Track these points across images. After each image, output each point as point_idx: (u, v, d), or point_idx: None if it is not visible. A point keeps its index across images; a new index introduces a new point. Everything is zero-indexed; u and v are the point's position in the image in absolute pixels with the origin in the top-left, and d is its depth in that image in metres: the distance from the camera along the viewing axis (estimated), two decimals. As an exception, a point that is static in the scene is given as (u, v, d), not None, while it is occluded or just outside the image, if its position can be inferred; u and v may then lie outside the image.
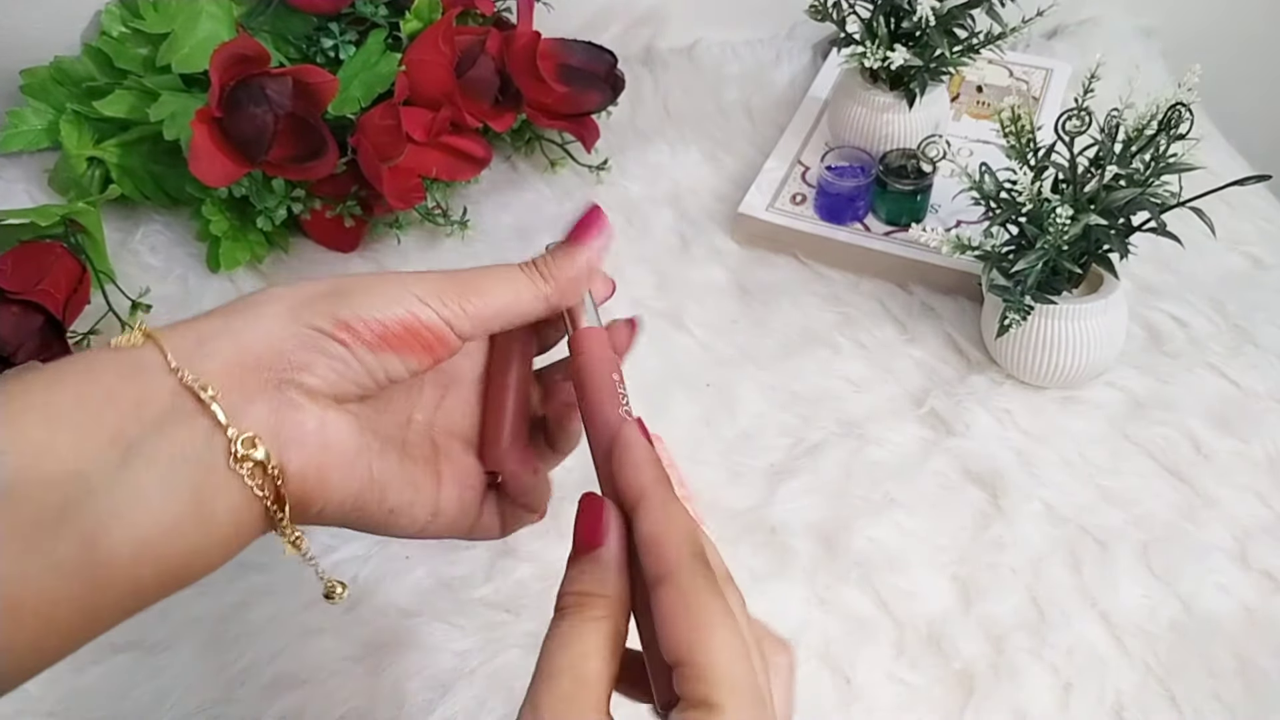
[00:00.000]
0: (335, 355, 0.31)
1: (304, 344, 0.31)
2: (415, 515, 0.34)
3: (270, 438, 0.30)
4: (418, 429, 0.36)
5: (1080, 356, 0.56)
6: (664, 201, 0.71)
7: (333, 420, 0.31)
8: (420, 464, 0.35)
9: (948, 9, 0.62)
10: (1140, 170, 0.52)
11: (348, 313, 0.31)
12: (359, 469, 0.32)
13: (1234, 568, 0.51)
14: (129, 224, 0.68)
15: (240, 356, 0.30)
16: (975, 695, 0.47)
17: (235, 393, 0.29)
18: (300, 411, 0.30)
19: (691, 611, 0.27)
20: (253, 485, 0.30)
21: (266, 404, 0.30)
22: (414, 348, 0.32)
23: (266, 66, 0.58)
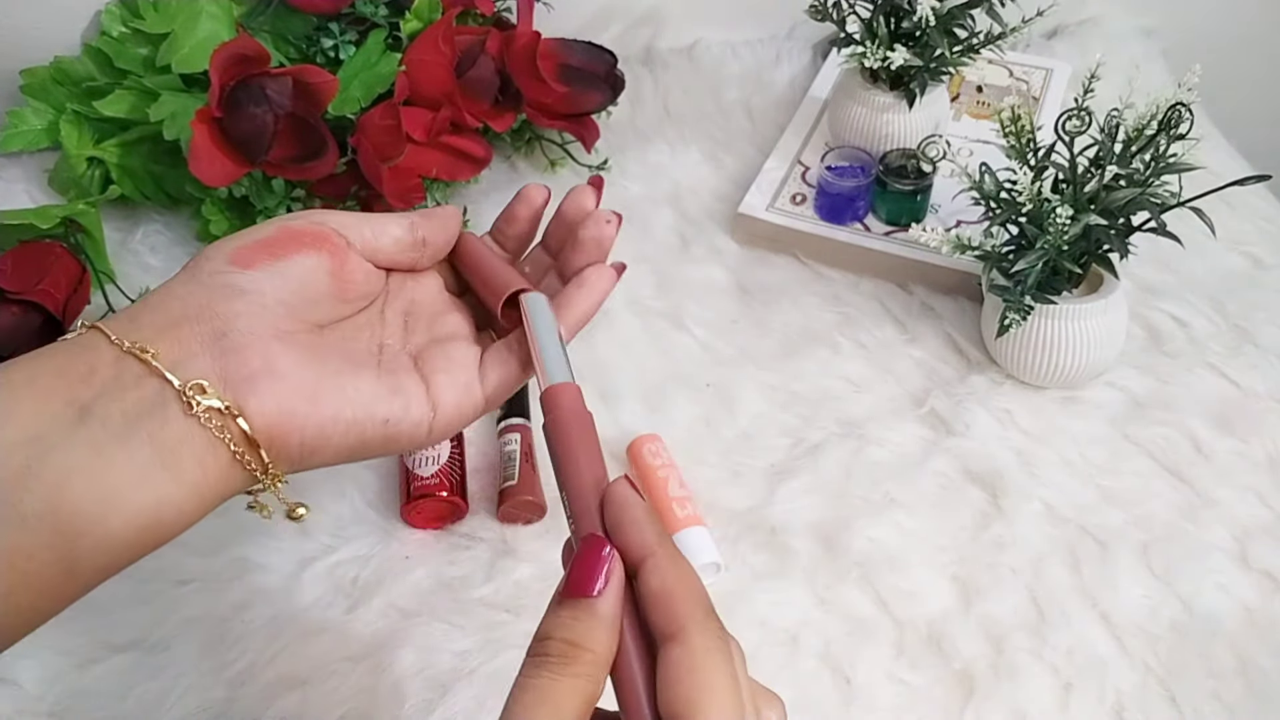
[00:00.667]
0: (249, 289, 0.33)
1: (218, 292, 0.33)
2: (414, 417, 0.35)
3: (220, 384, 0.32)
4: (391, 351, 0.38)
5: (1080, 356, 0.56)
6: (664, 201, 0.71)
7: (279, 352, 0.33)
8: (401, 373, 0.37)
9: (948, 9, 0.62)
10: (1140, 170, 0.52)
11: (233, 246, 0.34)
12: (327, 390, 0.33)
13: (1234, 568, 0.51)
14: (129, 224, 0.68)
15: (170, 319, 0.32)
16: (975, 695, 0.47)
17: (176, 350, 0.32)
18: (242, 352, 0.32)
19: (698, 672, 0.26)
20: (211, 429, 0.31)
21: (208, 354, 0.32)
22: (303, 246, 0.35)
23: (266, 66, 0.58)
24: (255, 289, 0.33)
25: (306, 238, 0.35)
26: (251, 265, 0.34)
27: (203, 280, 0.33)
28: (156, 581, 0.50)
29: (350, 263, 0.37)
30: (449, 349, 0.38)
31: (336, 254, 0.36)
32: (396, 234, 0.39)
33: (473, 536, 0.52)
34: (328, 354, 0.35)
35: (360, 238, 0.38)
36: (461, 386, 0.37)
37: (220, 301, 0.33)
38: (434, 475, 0.51)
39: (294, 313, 0.34)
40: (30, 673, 0.47)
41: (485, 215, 0.70)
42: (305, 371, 0.33)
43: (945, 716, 0.46)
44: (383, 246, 0.38)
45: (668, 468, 0.53)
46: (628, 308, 0.64)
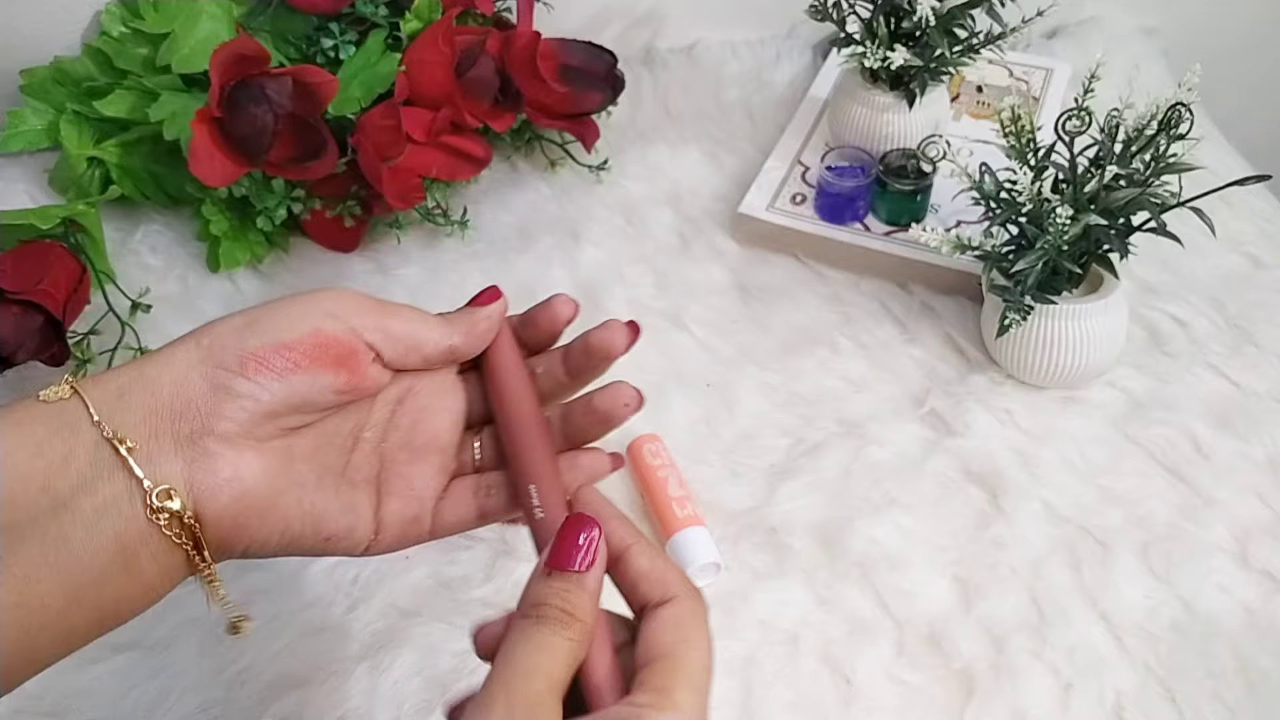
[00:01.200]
0: (245, 394, 0.32)
1: (212, 390, 0.32)
2: (356, 539, 0.35)
3: (186, 488, 0.31)
4: (366, 447, 0.37)
5: (1080, 356, 0.56)
6: (664, 201, 0.71)
7: (249, 464, 0.32)
8: (360, 486, 0.36)
9: (948, 9, 0.62)
10: (1140, 170, 0.52)
11: (254, 343, 0.32)
12: (283, 508, 0.33)
13: (1234, 568, 0.51)
14: (129, 224, 0.68)
15: (155, 406, 0.32)
16: (975, 696, 0.47)
17: (152, 444, 0.31)
18: (214, 460, 0.32)
19: (684, 627, 0.30)
20: (171, 535, 0.31)
21: (180, 456, 0.32)
22: (324, 363, 0.33)
23: (266, 66, 0.58)
24: (252, 396, 0.32)
25: (332, 356, 0.33)
26: (260, 374, 0.32)
27: (205, 373, 0.32)
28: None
29: (365, 379, 0.35)
30: (415, 471, 0.37)
31: (356, 373, 0.34)
32: (428, 351, 0.36)
33: (472, 536, 0.52)
34: (298, 463, 0.34)
35: (393, 351, 0.35)
36: (410, 519, 0.37)
37: (211, 402, 0.32)
38: None
39: (278, 421, 0.33)
40: (30, 673, 0.47)
41: (485, 215, 0.70)
42: (269, 483, 0.33)
43: (945, 717, 0.46)
44: (410, 362, 0.36)
45: (668, 468, 0.53)
46: (628, 308, 0.64)
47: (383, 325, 0.35)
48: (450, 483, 0.38)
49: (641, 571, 0.32)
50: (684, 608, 0.31)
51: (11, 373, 0.58)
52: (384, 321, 0.35)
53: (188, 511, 0.31)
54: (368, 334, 0.34)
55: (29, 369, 0.58)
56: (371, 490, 0.36)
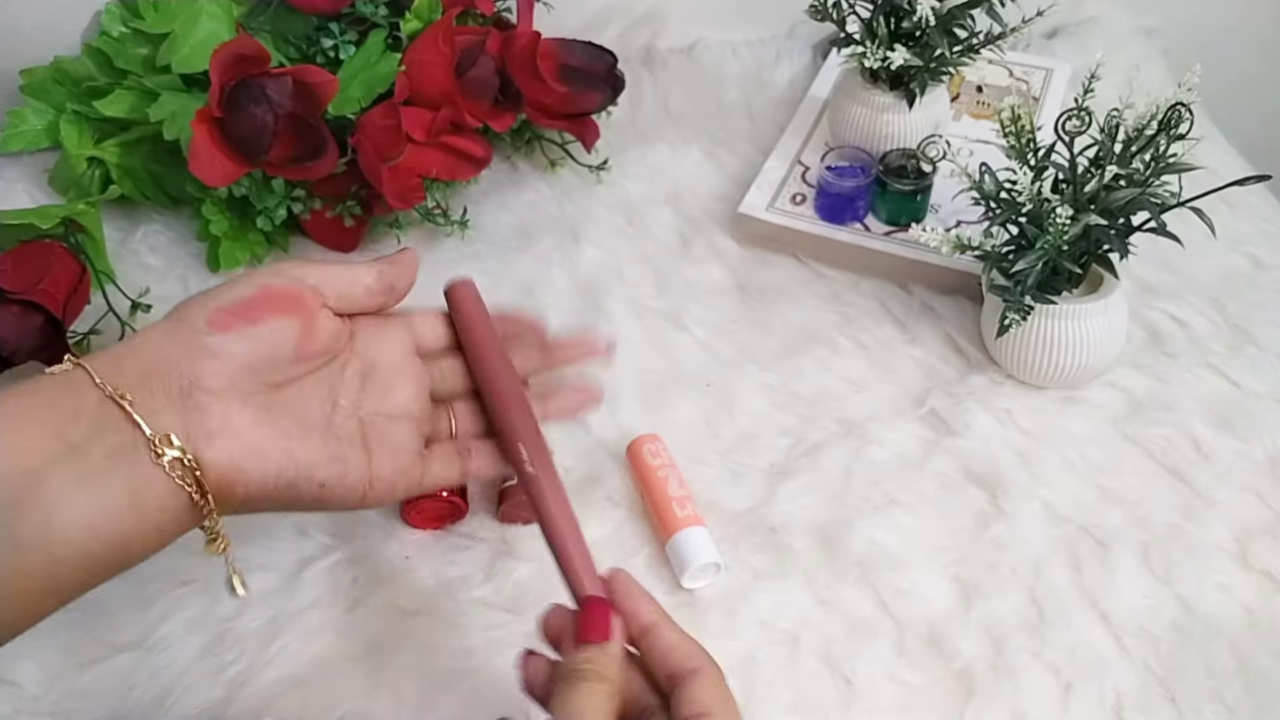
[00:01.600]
0: (219, 350, 0.37)
1: (191, 351, 0.37)
2: (350, 486, 0.40)
3: (184, 438, 0.36)
4: (343, 412, 0.41)
5: (1080, 356, 0.56)
6: (664, 201, 0.71)
7: (237, 413, 0.37)
8: (347, 442, 0.40)
9: (948, 9, 0.62)
10: (1140, 170, 0.52)
11: (215, 305, 0.38)
12: (274, 453, 0.38)
13: (1234, 568, 0.51)
14: (129, 224, 0.68)
15: (147, 371, 0.36)
16: (975, 696, 0.47)
17: (149, 401, 0.36)
18: (205, 411, 0.36)
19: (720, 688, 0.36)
20: (174, 476, 0.35)
21: (175, 410, 0.36)
22: (279, 310, 0.38)
23: (266, 66, 0.58)
24: (225, 352, 0.37)
25: (284, 301, 0.39)
26: (226, 329, 0.37)
27: (180, 337, 0.37)
28: (156, 581, 0.50)
29: (318, 325, 0.40)
30: (394, 429, 0.42)
31: (307, 317, 0.39)
32: (367, 282, 0.42)
33: (472, 537, 0.52)
34: (280, 415, 0.38)
35: (335, 290, 0.41)
36: (401, 469, 0.41)
37: (191, 361, 0.37)
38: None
39: (256, 374, 0.38)
40: (30, 673, 0.47)
41: (485, 215, 0.70)
42: (257, 432, 0.37)
43: (945, 717, 0.46)
44: (355, 296, 0.42)
45: (668, 468, 0.53)
46: (628, 308, 0.64)
47: (320, 272, 0.41)
48: (430, 445, 0.43)
49: (673, 643, 0.37)
50: (717, 674, 0.36)
51: (11, 373, 0.58)
52: (321, 269, 0.41)
53: (187, 455, 0.35)
54: (309, 279, 0.40)
55: (29, 369, 0.58)
56: (358, 446, 0.40)
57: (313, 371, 0.40)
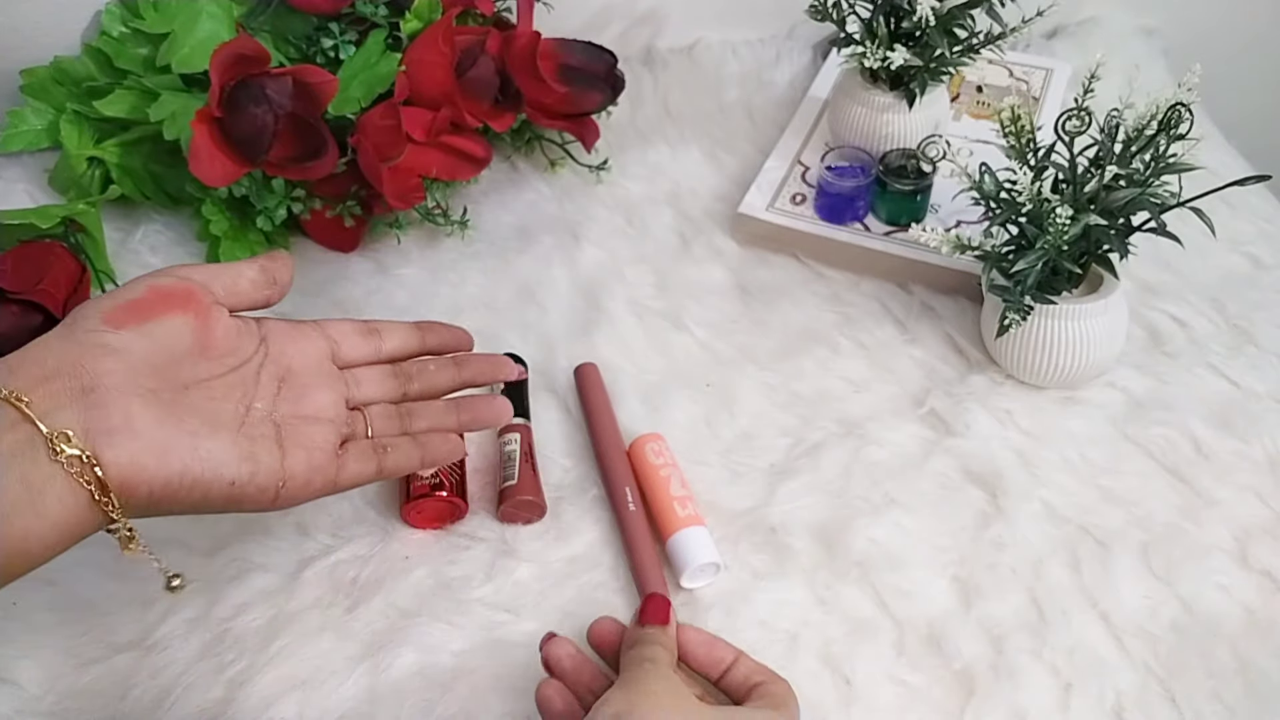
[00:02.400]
0: (118, 347, 0.37)
1: (90, 350, 0.37)
2: (261, 485, 0.40)
3: (82, 435, 0.36)
4: (258, 414, 0.41)
5: (1080, 357, 0.56)
6: (664, 201, 0.71)
7: (139, 411, 0.37)
8: (260, 442, 0.40)
9: (948, 9, 0.62)
10: (1140, 170, 0.52)
11: (109, 305, 0.38)
12: (178, 451, 0.37)
13: (1234, 568, 0.51)
14: (129, 224, 0.68)
15: (44, 373, 0.36)
16: (975, 696, 0.47)
17: (48, 401, 0.36)
18: (104, 409, 0.36)
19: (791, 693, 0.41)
20: (72, 474, 0.35)
21: (74, 407, 0.36)
22: (170, 307, 0.39)
23: (266, 66, 0.58)
24: (124, 348, 0.37)
25: (174, 298, 0.39)
26: (122, 326, 0.37)
27: (77, 338, 0.37)
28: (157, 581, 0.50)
29: (213, 319, 0.41)
30: (309, 429, 0.42)
31: (201, 312, 0.40)
32: (251, 275, 0.43)
33: (472, 536, 0.52)
34: (187, 413, 0.38)
35: (222, 285, 0.42)
36: (316, 466, 0.42)
37: (90, 359, 0.37)
38: (434, 475, 0.51)
39: (159, 371, 0.38)
40: (30, 673, 0.47)
41: (485, 215, 0.70)
42: (159, 430, 0.37)
43: (945, 717, 0.46)
44: (242, 289, 0.43)
45: (670, 467, 0.53)
46: (628, 307, 0.64)
47: (204, 270, 0.42)
48: (345, 444, 0.44)
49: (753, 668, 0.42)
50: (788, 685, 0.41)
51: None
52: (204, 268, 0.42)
53: (85, 452, 0.35)
54: (195, 276, 0.41)
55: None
56: (273, 445, 0.41)
57: (225, 374, 0.41)
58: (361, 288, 0.65)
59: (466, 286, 0.66)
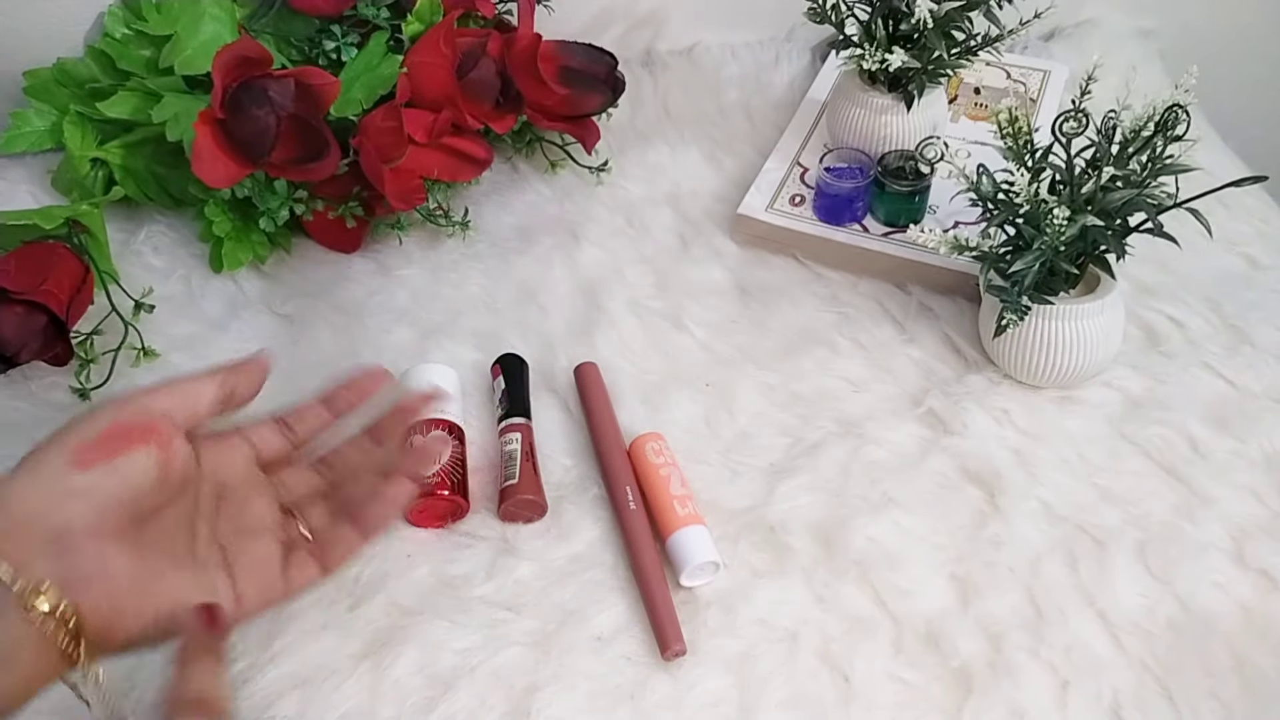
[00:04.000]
0: (86, 488, 0.36)
1: (58, 494, 0.36)
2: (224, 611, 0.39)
3: (58, 583, 0.34)
4: (204, 540, 0.41)
5: (1077, 357, 0.56)
6: (664, 202, 0.72)
7: (113, 555, 0.36)
8: (212, 570, 0.40)
9: (945, 11, 0.62)
10: (1137, 171, 0.52)
11: (74, 442, 0.37)
12: (152, 592, 0.37)
13: (1231, 567, 0.51)
14: (132, 225, 0.68)
15: (15, 520, 0.35)
16: (973, 694, 0.47)
17: (21, 550, 0.34)
18: (79, 553, 0.35)
19: None
20: (45, 631, 0.34)
21: (47, 556, 0.35)
22: (134, 441, 0.38)
23: (269, 68, 0.58)
24: (90, 489, 0.36)
25: (137, 433, 0.38)
26: (88, 466, 0.36)
27: (43, 481, 0.36)
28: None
29: (174, 450, 0.39)
30: (251, 547, 0.42)
31: (164, 444, 0.39)
32: (211, 394, 0.41)
33: (474, 535, 0.53)
34: (150, 551, 0.38)
35: (183, 411, 0.40)
36: (265, 586, 0.41)
37: (58, 505, 0.35)
38: (435, 474, 0.51)
39: (123, 509, 0.37)
40: (34, 670, 0.47)
41: (486, 216, 0.71)
42: (133, 570, 0.37)
43: (943, 715, 0.46)
44: (200, 411, 0.41)
45: (670, 466, 0.54)
46: (628, 308, 0.64)
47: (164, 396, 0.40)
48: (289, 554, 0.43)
49: None
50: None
51: (15, 372, 0.59)
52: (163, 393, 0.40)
53: (60, 606, 0.34)
54: (156, 405, 0.39)
55: (32, 369, 0.59)
56: (223, 573, 0.41)
57: (175, 501, 0.40)
58: (363, 288, 0.66)
59: (467, 287, 0.66)
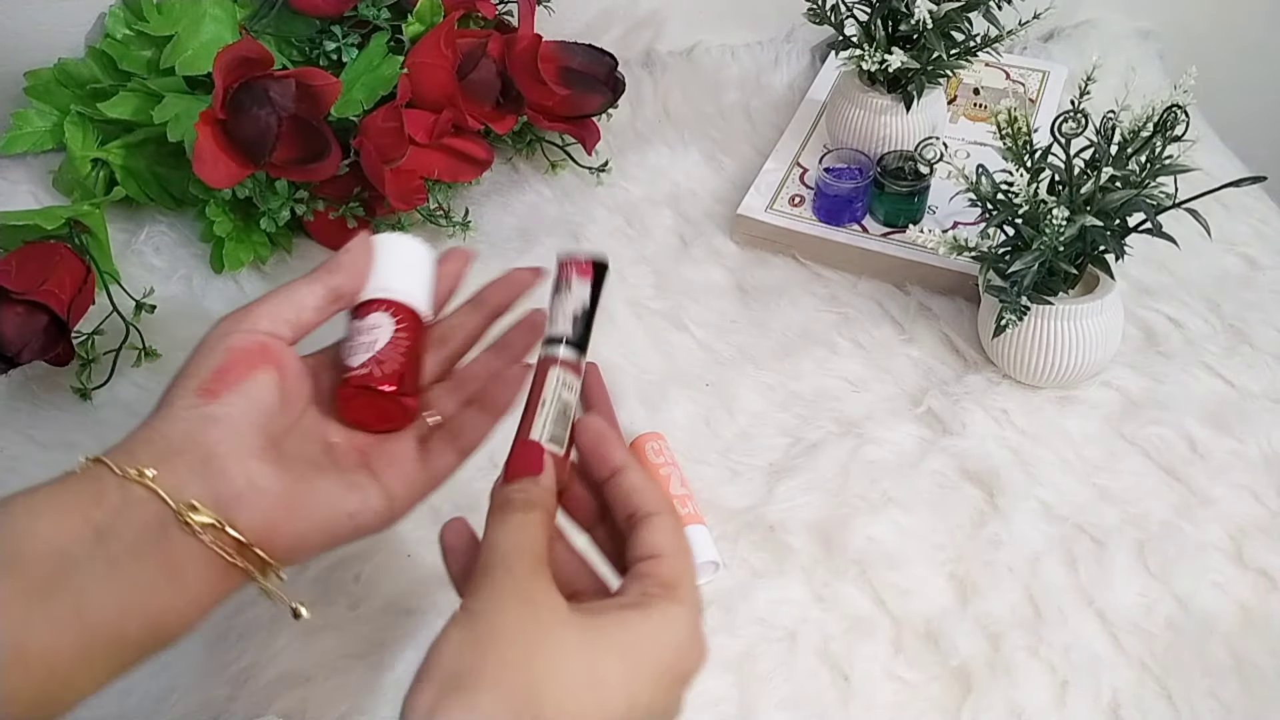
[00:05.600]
0: (220, 415, 0.37)
1: (195, 425, 0.37)
2: (374, 507, 0.40)
3: (212, 503, 0.36)
4: (339, 451, 0.41)
5: (1076, 357, 0.56)
6: (664, 203, 0.72)
7: (257, 470, 0.37)
8: (353, 471, 0.40)
9: (945, 12, 0.62)
10: (1136, 172, 0.52)
11: (196, 381, 0.38)
12: (300, 498, 0.38)
13: (1230, 566, 0.51)
14: (133, 225, 0.68)
15: (161, 453, 0.36)
16: (973, 693, 0.47)
17: (172, 477, 0.36)
18: (228, 476, 0.36)
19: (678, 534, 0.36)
20: (207, 542, 0.35)
21: (199, 480, 0.36)
22: (253, 366, 0.38)
23: (270, 69, 0.58)
24: (224, 416, 0.37)
25: (253, 357, 0.39)
26: (216, 395, 0.37)
27: (180, 415, 0.37)
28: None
29: (288, 367, 0.40)
30: (387, 445, 0.42)
31: (279, 363, 0.39)
32: (314, 299, 0.41)
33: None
34: (292, 463, 0.38)
35: (288, 324, 0.40)
36: (409, 479, 0.41)
37: (199, 432, 0.37)
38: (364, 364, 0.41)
39: (261, 430, 0.38)
40: (35, 669, 0.47)
41: (486, 216, 0.71)
42: (280, 484, 0.37)
43: (942, 714, 0.47)
44: (306, 320, 0.41)
45: (670, 466, 0.54)
46: (628, 308, 0.64)
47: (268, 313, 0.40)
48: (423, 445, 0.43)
49: (635, 485, 0.36)
50: (674, 520, 0.36)
51: (16, 372, 0.59)
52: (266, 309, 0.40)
53: (218, 519, 0.35)
54: (261, 325, 0.40)
55: (34, 369, 0.59)
56: (364, 470, 0.40)
57: (297, 421, 0.40)
58: (363, 288, 0.66)
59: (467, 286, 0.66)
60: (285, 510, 0.37)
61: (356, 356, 0.41)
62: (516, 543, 0.34)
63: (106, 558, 0.34)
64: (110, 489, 0.35)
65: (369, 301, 0.43)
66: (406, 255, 0.45)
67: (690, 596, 0.34)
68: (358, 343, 0.41)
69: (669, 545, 0.35)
